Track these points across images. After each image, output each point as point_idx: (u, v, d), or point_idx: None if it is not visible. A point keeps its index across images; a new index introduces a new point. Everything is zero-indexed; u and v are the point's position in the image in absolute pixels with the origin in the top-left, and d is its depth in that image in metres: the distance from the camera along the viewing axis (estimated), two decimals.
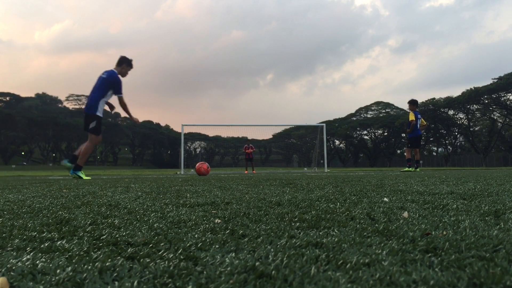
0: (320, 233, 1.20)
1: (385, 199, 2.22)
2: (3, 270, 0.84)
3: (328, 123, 73.08)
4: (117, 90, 6.86)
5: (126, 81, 7.21)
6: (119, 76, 6.97)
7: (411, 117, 11.02)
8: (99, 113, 6.86)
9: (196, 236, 1.18)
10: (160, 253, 0.97)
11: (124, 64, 7.09)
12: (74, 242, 1.12)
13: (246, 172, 15.41)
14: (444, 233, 1.16)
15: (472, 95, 54.93)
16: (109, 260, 0.90)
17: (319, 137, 20.00)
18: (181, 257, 0.92)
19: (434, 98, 62.73)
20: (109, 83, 6.81)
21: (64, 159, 7.10)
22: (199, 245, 1.04)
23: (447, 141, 69.21)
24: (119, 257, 0.93)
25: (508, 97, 53.92)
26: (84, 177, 6.71)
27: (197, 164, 8.69)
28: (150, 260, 0.90)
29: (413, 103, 11.18)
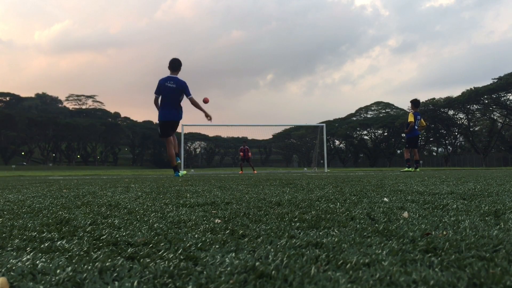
0: (320, 233, 1.20)
1: (385, 199, 2.22)
2: (3, 270, 0.84)
3: (328, 123, 73.02)
4: (188, 93, 7.47)
5: (126, 82, 7.35)
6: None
7: (410, 118, 11.03)
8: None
9: (196, 236, 1.18)
10: (160, 253, 0.97)
11: (181, 66, 7.61)
12: (74, 242, 1.12)
13: (240, 172, 15.45)
14: (444, 233, 1.16)
15: (472, 95, 54.90)
16: (109, 260, 0.90)
17: (319, 137, 20.00)
18: (181, 257, 0.92)
19: (434, 98, 62.71)
20: (181, 90, 7.41)
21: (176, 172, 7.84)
22: (199, 245, 1.04)
23: (447, 141, 69.22)
24: (119, 257, 0.93)
25: (508, 97, 53.91)
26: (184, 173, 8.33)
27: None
28: (150, 260, 0.90)
29: (414, 103, 11.17)
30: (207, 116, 7.71)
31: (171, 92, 7.36)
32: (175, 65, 7.53)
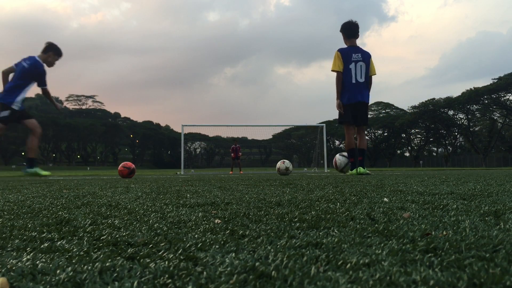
0: (320, 233, 1.20)
1: (385, 199, 2.21)
2: (3, 270, 0.84)
3: (328, 123, 73.07)
4: (42, 82, 6.44)
5: (127, 81, 7.17)
6: (44, 65, 6.48)
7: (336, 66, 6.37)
8: (16, 107, 6.38)
9: (196, 236, 1.18)
10: (160, 253, 0.97)
11: (51, 52, 6.59)
12: (74, 242, 1.12)
13: (230, 172, 15.29)
14: (444, 233, 1.16)
15: (472, 95, 54.93)
16: (109, 260, 0.90)
17: (319, 137, 20.02)
18: (181, 257, 0.92)
19: (434, 98, 62.75)
20: (32, 75, 6.35)
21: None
22: (199, 246, 1.04)
23: (447, 141, 69.24)
24: (119, 257, 0.93)
25: (508, 97, 53.97)
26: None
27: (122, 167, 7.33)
28: (150, 260, 0.90)
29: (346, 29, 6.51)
30: (57, 106, 6.99)
31: (19, 71, 6.28)
32: (45, 47, 6.52)
